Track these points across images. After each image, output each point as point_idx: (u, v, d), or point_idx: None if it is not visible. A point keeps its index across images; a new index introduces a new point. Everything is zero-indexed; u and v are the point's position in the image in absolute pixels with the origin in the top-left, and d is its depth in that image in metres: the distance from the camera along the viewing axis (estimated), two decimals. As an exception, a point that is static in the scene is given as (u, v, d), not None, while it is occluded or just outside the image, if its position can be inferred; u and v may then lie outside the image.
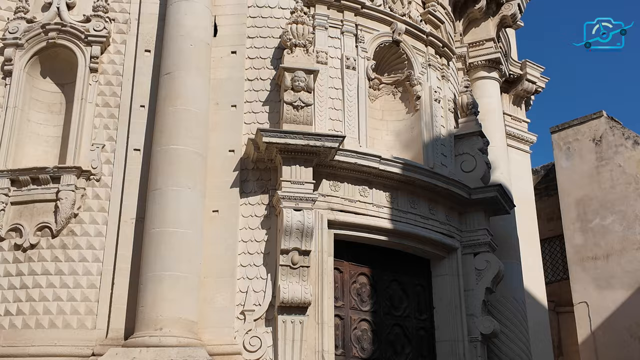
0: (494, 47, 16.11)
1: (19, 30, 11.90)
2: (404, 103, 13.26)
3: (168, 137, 10.96)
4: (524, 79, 18.73)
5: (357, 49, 12.63)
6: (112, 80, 11.99)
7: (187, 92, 11.22)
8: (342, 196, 11.63)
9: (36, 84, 12.09)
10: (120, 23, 12.30)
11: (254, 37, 12.33)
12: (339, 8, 12.69)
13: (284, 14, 12.43)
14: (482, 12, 15.95)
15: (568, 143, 21.21)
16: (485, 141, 13.85)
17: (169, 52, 11.55)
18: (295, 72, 11.38)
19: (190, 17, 11.67)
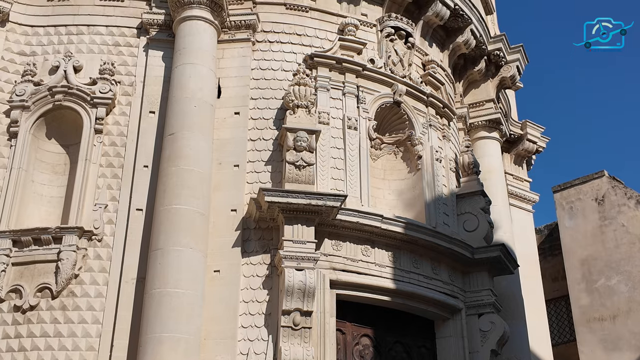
0: (494, 107, 16.31)
1: (26, 93, 12.11)
2: (406, 162, 13.35)
3: (170, 197, 11.00)
4: (524, 138, 18.89)
5: (358, 109, 12.80)
6: (117, 141, 12.14)
7: (191, 152, 11.33)
8: (345, 255, 11.56)
9: (41, 145, 12.22)
10: (126, 85, 12.53)
11: (257, 98, 12.55)
12: (340, 70, 12.94)
13: (286, 76, 12.68)
14: (482, 74, 16.23)
15: (571, 202, 21.18)
16: (487, 200, 13.86)
17: (174, 113, 11.73)
18: (298, 132, 11.51)
19: (195, 80, 11.90)
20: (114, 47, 12.79)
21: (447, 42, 15.26)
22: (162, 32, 12.79)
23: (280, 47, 13.01)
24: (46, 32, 12.88)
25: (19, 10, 12.90)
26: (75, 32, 12.87)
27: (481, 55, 15.88)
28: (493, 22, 18.80)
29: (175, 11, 12.46)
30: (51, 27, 12.90)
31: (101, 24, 12.92)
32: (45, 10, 13.03)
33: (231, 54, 12.84)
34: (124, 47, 12.82)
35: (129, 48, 12.81)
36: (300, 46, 13.06)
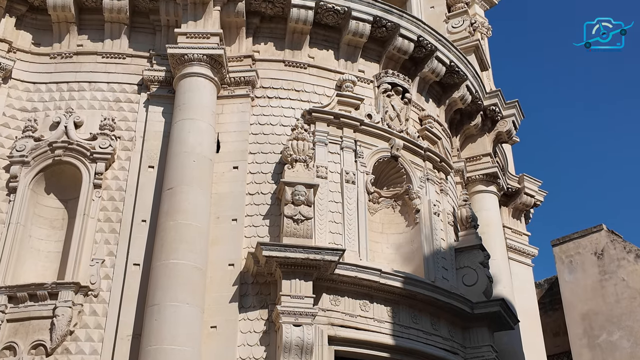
0: (490, 162, 16.43)
1: (26, 148, 12.20)
2: (404, 216, 13.36)
3: (168, 252, 10.96)
4: (522, 192, 18.96)
5: (356, 163, 12.90)
6: (115, 196, 12.16)
7: (189, 206, 11.35)
8: (343, 311, 11.45)
9: (40, 200, 12.23)
10: (126, 140, 12.64)
11: (255, 152, 12.65)
12: (338, 125, 13.08)
13: (285, 130, 12.81)
14: (478, 128, 16.41)
15: (570, 256, 21.10)
16: (486, 254, 13.81)
17: (173, 167, 11.80)
18: (296, 186, 11.56)
19: (194, 135, 12.02)
20: (115, 103, 12.96)
21: (444, 97, 15.49)
22: (162, 88, 12.98)
23: (279, 103, 13.21)
24: (48, 89, 13.07)
25: (22, 68, 13.12)
26: (77, 89, 13.06)
27: (477, 110, 16.09)
28: (488, 78, 19.13)
29: (176, 68, 12.69)
30: (53, 83, 13.10)
31: (103, 81, 13.13)
32: (48, 67, 13.26)
33: (230, 109, 13.01)
34: (125, 103, 12.99)
35: (130, 104, 12.98)
36: (298, 102, 13.25)
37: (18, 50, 13.20)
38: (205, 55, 12.56)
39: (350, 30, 13.78)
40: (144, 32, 13.57)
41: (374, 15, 13.83)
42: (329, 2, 13.58)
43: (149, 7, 13.42)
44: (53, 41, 13.44)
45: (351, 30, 13.77)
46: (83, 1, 13.34)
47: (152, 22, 13.55)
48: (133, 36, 13.48)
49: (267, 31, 13.78)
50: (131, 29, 13.48)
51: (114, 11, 13.24)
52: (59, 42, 13.40)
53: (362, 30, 13.82)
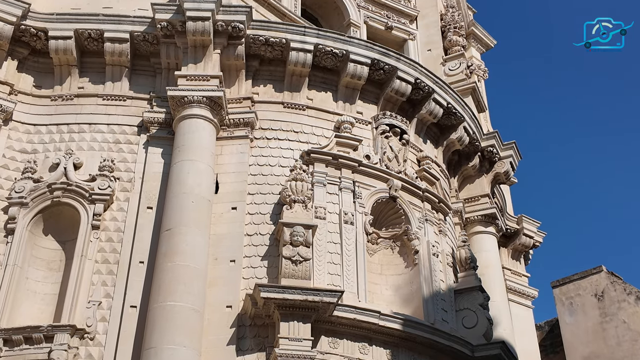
0: (489, 202, 16.46)
1: (25, 190, 12.20)
2: (403, 257, 13.31)
3: (165, 294, 10.88)
4: (521, 233, 18.93)
5: (354, 204, 12.91)
6: (113, 237, 12.13)
7: (187, 247, 11.32)
8: (342, 353, 11.30)
9: (37, 242, 12.19)
10: (125, 181, 12.67)
11: (254, 193, 12.67)
12: (337, 166, 13.14)
13: (283, 171, 12.87)
14: (476, 169, 16.48)
15: (570, 298, 20.98)
16: (485, 296, 13.72)
17: (171, 208, 11.80)
18: (294, 227, 11.55)
19: (193, 176, 12.06)
20: (115, 145, 13.03)
21: (441, 138, 15.60)
22: (162, 130, 13.07)
23: (278, 144, 13.29)
24: (48, 131, 13.15)
25: (23, 110, 13.21)
26: (77, 130, 13.15)
27: (475, 151, 16.19)
28: (486, 120, 19.33)
29: (176, 110, 12.80)
30: (54, 125, 13.19)
31: (103, 122, 13.23)
32: (49, 109, 13.37)
33: (229, 150, 13.08)
34: (124, 145, 13.06)
35: (129, 145, 13.05)
36: (297, 143, 13.34)
37: (19, 93, 13.32)
38: (205, 97, 12.69)
39: (349, 73, 13.96)
40: (145, 75, 13.73)
41: (372, 58, 14.03)
42: (328, 45, 13.79)
43: (149, 50, 13.61)
44: (54, 84, 13.58)
45: (349, 72, 13.95)
46: (85, 44, 13.52)
47: (152, 64, 13.73)
48: (134, 78, 13.63)
49: (266, 73, 13.97)
50: (132, 72, 13.64)
51: (115, 54, 13.42)
52: (60, 85, 13.54)
53: (360, 73, 14.00)
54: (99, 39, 13.38)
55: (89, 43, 13.48)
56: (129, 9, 14.03)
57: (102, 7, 14.05)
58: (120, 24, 13.41)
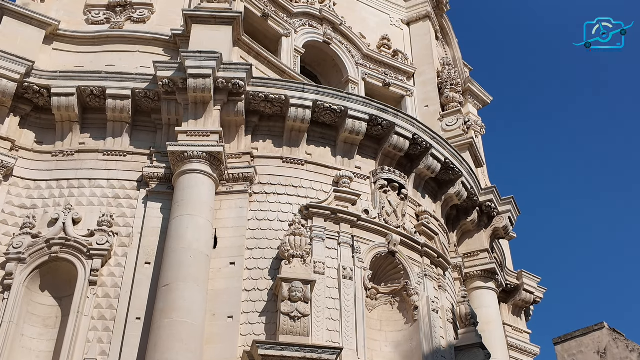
0: (488, 257, 16.41)
1: (23, 245, 12.16)
2: (402, 313, 13.18)
3: (162, 351, 10.72)
4: (521, 289, 18.80)
5: (353, 259, 12.86)
6: (110, 293, 12.03)
7: (184, 303, 11.21)
8: (341, 412, 11.08)
9: (34, 298, 12.07)
10: (124, 237, 12.65)
11: (252, 248, 12.64)
12: (335, 220, 13.16)
13: (282, 226, 12.87)
14: (475, 224, 16.49)
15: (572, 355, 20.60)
16: (486, 353, 13.53)
17: (169, 264, 11.75)
18: (293, 282, 11.48)
19: (192, 231, 12.05)
20: (114, 200, 13.07)
21: (440, 193, 15.67)
22: (161, 185, 13.13)
23: (277, 199, 13.34)
24: (48, 186, 13.20)
25: (24, 165, 13.30)
26: (77, 186, 13.20)
27: (473, 206, 16.23)
28: (483, 174, 19.45)
29: (176, 165, 12.89)
30: (54, 180, 13.26)
31: (103, 178, 13.30)
32: (49, 165, 13.46)
33: (228, 205, 13.11)
34: (124, 200, 13.09)
35: (129, 200, 13.09)
36: (296, 197, 13.40)
37: (21, 149, 13.44)
38: (204, 152, 12.80)
39: (347, 129, 14.13)
40: (145, 131, 13.89)
41: (370, 114, 14.22)
42: (326, 101, 14.00)
43: (151, 106, 13.80)
44: (55, 139, 13.71)
45: (348, 128, 14.12)
46: (87, 101, 13.72)
47: (153, 120, 13.90)
48: (134, 134, 13.78)
49: (265, 129, 14.14)
50: (133, 128, 13.80)
51: (117, 110, 13.60)
52: (61, 141, 13.67)
53: (359, 129, 14.17)
54: (101, 95, 13.59)
55: (91, 100, 13.68)
56: (132, 67, 14.30)
57: (105, 64, 14.35)
58: (122, 81, 13.65)
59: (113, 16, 15.27)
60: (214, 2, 14.79)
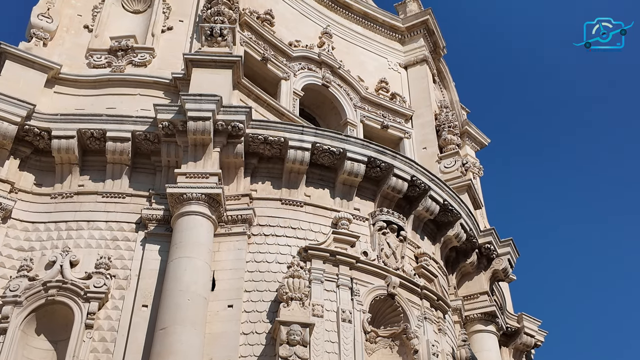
0: (488, 300, 16.29)
1: (20, 288, 12.07)
2: (402, 357, 13.00)
3: (159, 395, 10.56)
4: (522, 332, 18.62)
5: (352, 301, 12.76)
6: (107, 337, 11.89)
7: (181, 347, 11.07)
8: None
9: (29, 342, 11.93)
10: (121, 279, 12.56)
11: (250, 290, 12.55)
12: (334, 262, 13.10)
13: (280, 268, 12.81)
14: (474, 266, 16.42)
15: (575, 400, 20.33)
16: (488, 397, 13.33)
17: (167, 306, 11.64)
18: (291, 325, 11.37)
19: (190, 273, 11.97)
20: (112, 242, 13.03)
21: (439, 235, 15.64)
22: (160, 227, 13.10)
23: (275, 240, 13.31)
24: (46, 228, 13.17)
25: (22, 208, 13.29)
26: (75, 228, 13.18)
27: (472, 248, 16.19)
28: (482, 216, 19.44)
29: (174, 207, 12.89)
30: (52, 223, 13.23)
31: (101, 220, 13.28)
32: (48, 207, 13.45)
33: (227, 247, 13.07)
34: (122, 242, 13.05)
35: (127, 242, 13.04)
36: (294, 239, 13.36)
37: (20, 191, 13.45)
38: (203, 194, 12.82)
39: (346, 170, 14.19)
40: (145, 172, 13.93)
41: (369, 156, 14.30)
42: (325, 143, 14.09)
43: (150, 148, 13.87)
44: (55, 182, 13.74)
45: (346, 170, 14.18)
46: (87, 144, 13.79)
47: (152, 162, 13.96)
48: (134, 176, 13.82)
49: (264, 171, 14.19)
50: (132, 170, 13.85)
51: (117, 153, 13.66)
52: (60, 183, 13.70)
53: (357, 170, 14.23)
54: (102, 138, 13.67)
55: (91, 142, 13.76)
56: (132, 110, 14.43)
57: (106, 107, 14.49)
58: (122, 123, 13.75)
59: (114, 60, 15.47)
60: (214, 46, 15.01)
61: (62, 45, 15.71)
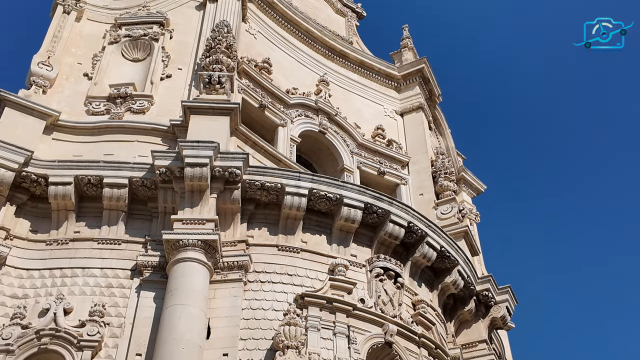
0: (487, 349, 16.07)
1: (13, 336, 11.91)
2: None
3: None
4: (521, 381, 18.33)
5: (349, 350, 12.58)
6: (98, 391, 11.68)
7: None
8: None
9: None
10: (115, 327, 12.40)
11: (246, 338, 12.39)
12: (331, 310, 12.97)
13: (277, 315, 12.67)
14: (472, 314, 16.26)
15: None
16: None
17: (161, 355, 11.47)
18: (288, 377, 11.18)
19: (185, 321, 11.83)
20: (107, 289, 12.91)
21: (436, 282, 15.54)
22: (155, 273, 13.01)
23: (272, 287, 13.21)
24: (41, 275, 13.06)
25: (17, 254, 13.20)
26: (69, 275, 13.07)
27: (470, 295, 16.06)
28: (479, 263, 19.34)
29: (170, 253, 12.82)
30: (47, 269, 13.13)
31: (96, 266, 13.18)
32: (43, 254, 13.37)
33: (223, 294, 12.96)
34: (117, 289, 12.93)
35: (122, 289, 12.92)
36: (291, 286, 13.27)
37: (15, 238, 13.39)
38: (200, 240, 12.77)
39: (343, 216, 14.18)
40: (141, 219, 13.91)
41: (365, 202, 14.31)
42: (322, 189, 14.12)
43: (147, 195, 13.88)
44: (50, 228, 13.69)
45: (343, 216, 14.18)
46: (84, 190, 13.80)
47: (149, 209, 13.94)
48: (130, 222, 13.79)
49: (261, 217, 14.18)
50: (129, 216, 13.83)
51: (114, 199, 13.66)
52: (56, 229, 13.65)
53: (354, 216, 14.23)
54: (99, 184, 13.69)
55: (88, 188, 13.77)
56: (130, 156, 14.49)
57: (104, 154, 14.55)
58: (120, 170, 13.80)
59: (113, 107, 15.61)
60: (212, 93, 15.18)
61: (61, 92, 15.88)
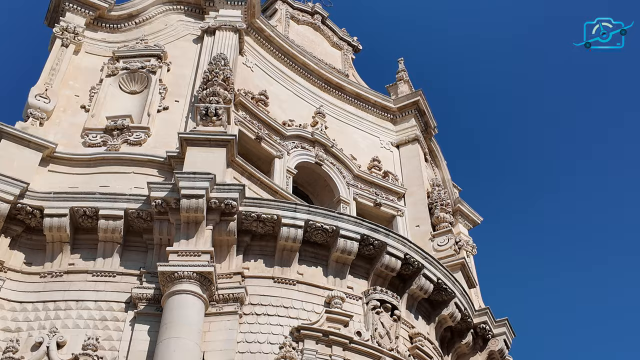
0: (485, 383, 15.92)
1: (5, 367, 11.79)
2: None
3: None
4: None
5: (346, 383, 12.47)
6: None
7: None
8: None
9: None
10: (108, 361, 12.24)
11: (242, 372, 12.24)
12: (327, 343, 12.85)
13: (272, 349, 12.54)
14: (470, 347, 16.13)
15: None
16: None
17: (155, 389, 11.30)
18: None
19: (179, 354, 11.69)
20: (101, 322, 12.77)
21: (433, 314, 15.42)
22: (150, 306, 12.89)
23: (267, 320, 13.08)
24: (34, 308, 12.94)
25: (11, 287, 13.09)
26: (63, 308, 12.94)
27: (467, 328, 15.95)
28: (477, 295, 19.22)
29: (165, 285, 12.73)
30: (40, 302, 13.01)
31: (91, 299, 13.06)
32: (37, 286, 13.25)
33: (218, 326, 12.83)
34: (111, 322, 12.79)
35: (116, 322, 12.78)
36: (287, 318, 13.15)
37: (9, 270, 13.29)
38: (195, 272, 12.70)
39: (339, 248, 14.13)
40: (136, 251, 13.84)
41: (362, 233, 14.28)
42: (318, 221, 14.09)
43: (143, 226, 13.83)
44: (45, 260, 13.60)
45: (339, 247, 14.13)
46: (79, 222, 13.75)
47: (144, 240, 13.88)
48: (125, 254, 13.71)
49: (257, 249, 14.12)
50: (124, 248, 13.76)
51: (109, 231, 13.61)
52: (50, 262, 13.57)
53: (350, 248, 14.18)
54: (94, 216, 13.65)
55: (84, 220, 13.72)
56: (126, 188, 14.47)
57: (100, 185, 14.53)
58: (115, 201, 13.77)
59: (110, 139, 15.64)
60: (209, 125, 15.24)
61: (58, 124, 15.91)
